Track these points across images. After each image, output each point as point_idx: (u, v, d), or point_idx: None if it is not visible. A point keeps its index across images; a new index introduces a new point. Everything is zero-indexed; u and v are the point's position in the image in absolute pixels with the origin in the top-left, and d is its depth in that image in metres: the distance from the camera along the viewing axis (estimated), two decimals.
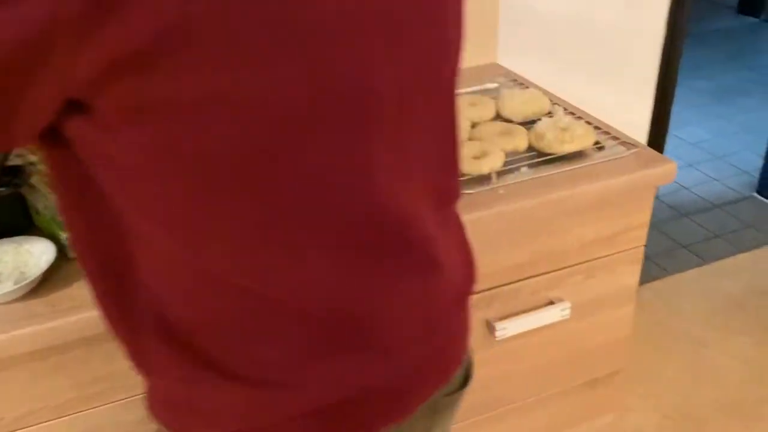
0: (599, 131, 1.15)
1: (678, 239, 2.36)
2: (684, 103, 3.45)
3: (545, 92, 1.31)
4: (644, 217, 1.12)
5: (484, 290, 1.06)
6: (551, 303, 1.12)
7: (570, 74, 1.63)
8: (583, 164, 1.06)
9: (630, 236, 1.13)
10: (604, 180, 1.03)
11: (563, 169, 1.05)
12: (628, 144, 1.11)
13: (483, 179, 1.04)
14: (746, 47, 4.22)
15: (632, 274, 1.18)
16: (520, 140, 1.11)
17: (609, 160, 1.07)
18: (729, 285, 2.13)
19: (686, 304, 2.06)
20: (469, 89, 1.36)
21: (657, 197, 2.60)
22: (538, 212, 1.01)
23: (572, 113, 1.22)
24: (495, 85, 1.38)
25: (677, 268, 2.22)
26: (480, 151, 1.07)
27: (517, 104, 1.21)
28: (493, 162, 1.04)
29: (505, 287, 1.08)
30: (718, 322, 1.99)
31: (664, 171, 1.06)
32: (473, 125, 1.17)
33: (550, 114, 1.23)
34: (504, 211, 0.98)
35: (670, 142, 3.04)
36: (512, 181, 1.03)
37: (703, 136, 3.11)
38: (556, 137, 1.08)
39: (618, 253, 1.14)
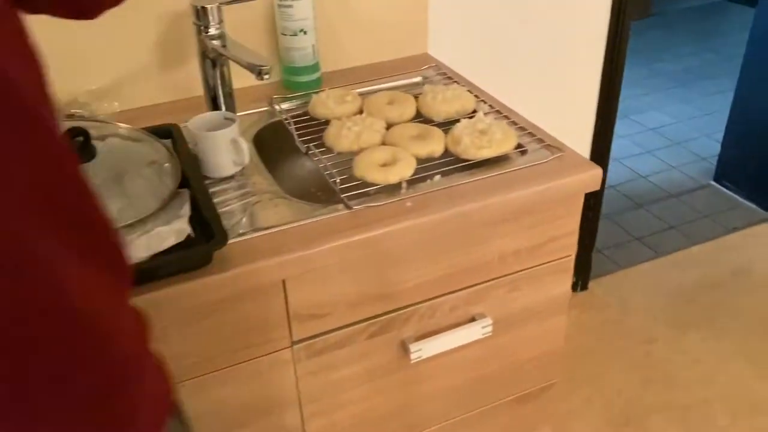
0: (524, 133, 1.07)
1: (632, 231, 2.30)
2: (647, 87, 3.38)
3: (474, 87, 1.22)
4: (571, 224, 1.04)
5: (395, 310, 0.98)
6: (473, 319, 1.04)
7: (509, 63, 1.54)
8: (500, 171, 0.97)
9: (556, 246, 1.05)
10: (523, 189, 0.94)
11: (478, 178, 0.96)
12: (553, 148, 1.02)
13: (392, 189, 0.95)
14: (712, 28, 4.16)
15: (562, 283, 1.10)
16: (436, 144, 1.01)
17: (529, 167, 0.98)
18: (681, 278, 2.08)
19: (637, 300, 2.00)
20: (391, 84, 1.26)
21: (612, 187, 2.54)
22: (449, 225, 0.92)
23: (498, 111, 1.13)
24: (419, 79, 1.29)
25: (630, 261, 2.16)
26: (391, 157, 0.98)
27: (438, 103, 1.11)
28: (403, 170, 0.95)
29: (421, 305, 0.99)
30: (669, 318, 1.93)
31: (589, 178, 0.98)
32: (389, 126, 1.07)
33: (474, 113, 1.14)
34: (412, 225, 0.89)
35: (630, 128, 2.99)
36: (422, 192, 0.94)
37: (664, 121, 3.05)
38: (473, 142, 0.99)
39: (544, 264, 1.05)
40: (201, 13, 1.03)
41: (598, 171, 0.98)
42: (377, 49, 1.37)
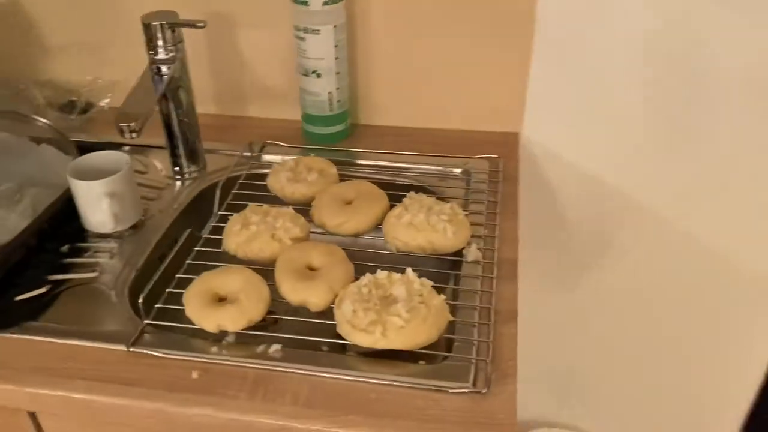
0: (473, 325, 0.65)
1: None
2: None
3: (508, 211, 0.81)
4: None
5: None
6: None
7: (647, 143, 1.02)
8: (368, 376, 0.60)
9: None
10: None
11: (333, 374, 0.60)
12: (484, 373, 0.60)
13: (214, 338, 0.65)
14: None
15: None
16: (319, 294, 0.67)
17: (420, 390, 0.59)
18: None
19: None
20: (428, 167, 0.91)
21: None
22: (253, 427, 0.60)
23: (496, 262, 0.72)
24: (457, 171, 0.91)
25: None
26: (234, 294, 0.66)
27: (401, 226, 0.75)
28: (229, 318, 0.64)
29: None
30: None
31: None
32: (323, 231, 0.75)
33: (464, 249, 0.75)
34: (197, 414, 0.60)
35: None
36: (232, 361, 0.62)
37: None
38: (355, 315, 0.62)
39: None
40: (147, 31, 0.83)
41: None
42: (453, 114, 1.01)
